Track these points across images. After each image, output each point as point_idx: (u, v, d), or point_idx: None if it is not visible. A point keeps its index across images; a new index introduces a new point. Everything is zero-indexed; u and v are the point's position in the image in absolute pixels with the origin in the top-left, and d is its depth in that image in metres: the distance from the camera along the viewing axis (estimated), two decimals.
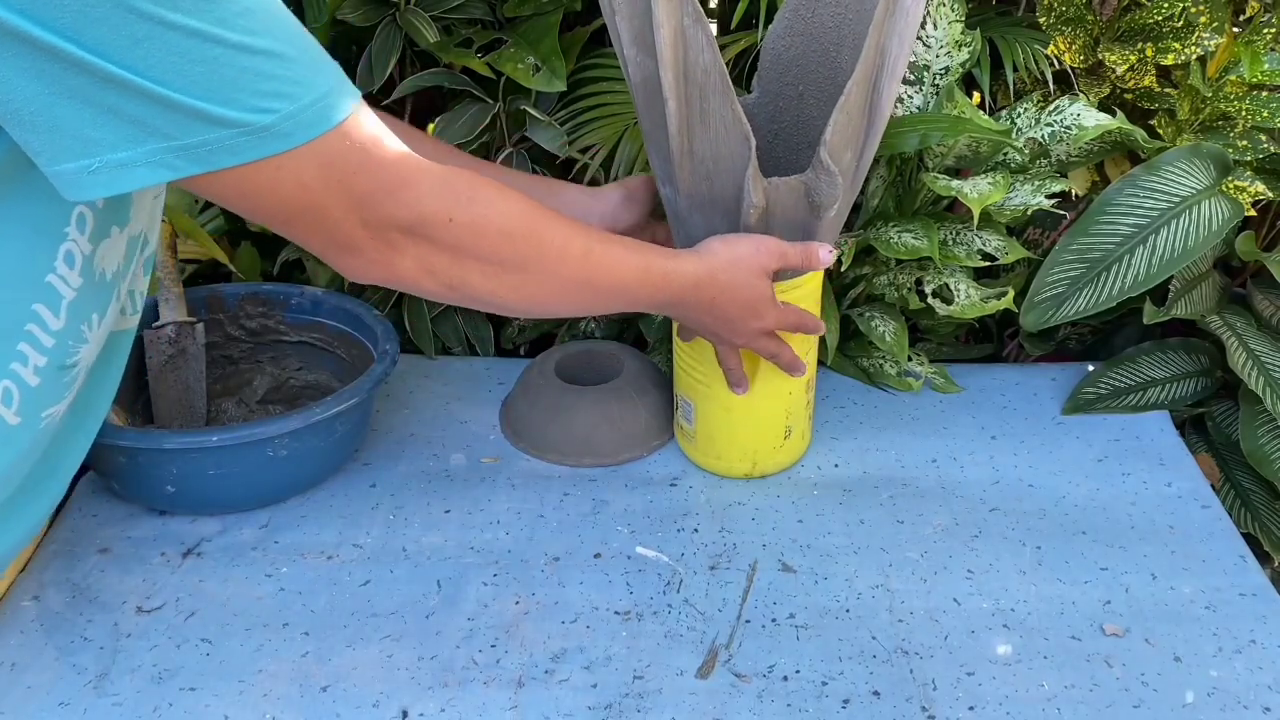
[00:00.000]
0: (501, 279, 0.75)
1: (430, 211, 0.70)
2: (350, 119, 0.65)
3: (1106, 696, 0.81)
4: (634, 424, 1.06)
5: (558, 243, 0.77)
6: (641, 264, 0.82)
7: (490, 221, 0.73)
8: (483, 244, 0.73)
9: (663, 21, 0.78)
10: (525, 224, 0.75)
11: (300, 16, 1.32)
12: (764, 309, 0.89)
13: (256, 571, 0.92)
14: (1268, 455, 1.07)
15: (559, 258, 0.77)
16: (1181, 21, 1.07)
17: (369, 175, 0.67)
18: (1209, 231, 1.02)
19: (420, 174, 0.69)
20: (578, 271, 0.78)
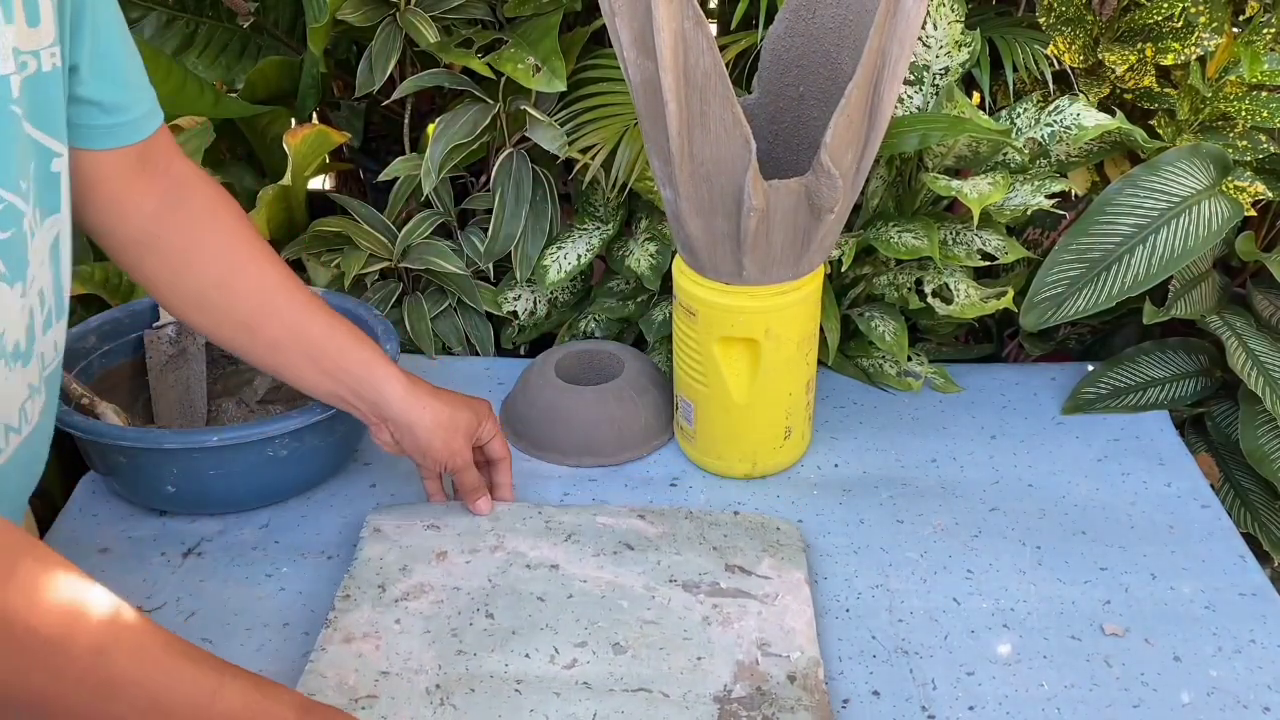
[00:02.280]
0: (13, 680, 0.56)
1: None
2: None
3: (1106, 696, 0.81)
4: (634, 424, 1.06)
5: (89, 654, 0.59)
6: (211, 686, 0.61)
7: (37, 626, 0.57)
8: (22, 641, 0.56)
9: (663, 24, 0.78)
10: (56, 624, 0.58)
11: (300, 16, 1.33)
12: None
13: (256, 571, 0.92)
14: (1267, 455, 1.07)
15: (85, 671, 0.58)
16: (1181, 21, 1.07)
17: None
18: (1209, 231, 1.02)
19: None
20: (93, 688, 0.59)
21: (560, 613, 0.86)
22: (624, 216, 1.20)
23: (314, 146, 1.18)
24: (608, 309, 1.22)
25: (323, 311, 0.88)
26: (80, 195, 0.79)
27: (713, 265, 0.93)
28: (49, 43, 0.68)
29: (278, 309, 0.86)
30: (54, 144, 0.71)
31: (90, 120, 0.76)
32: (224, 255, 0.86)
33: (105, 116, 0.77)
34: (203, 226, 0.85)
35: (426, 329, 1.20)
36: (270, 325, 0.86)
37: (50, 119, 0.70)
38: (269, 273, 0.87)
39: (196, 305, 0.86)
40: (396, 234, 1.21)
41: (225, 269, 0.85)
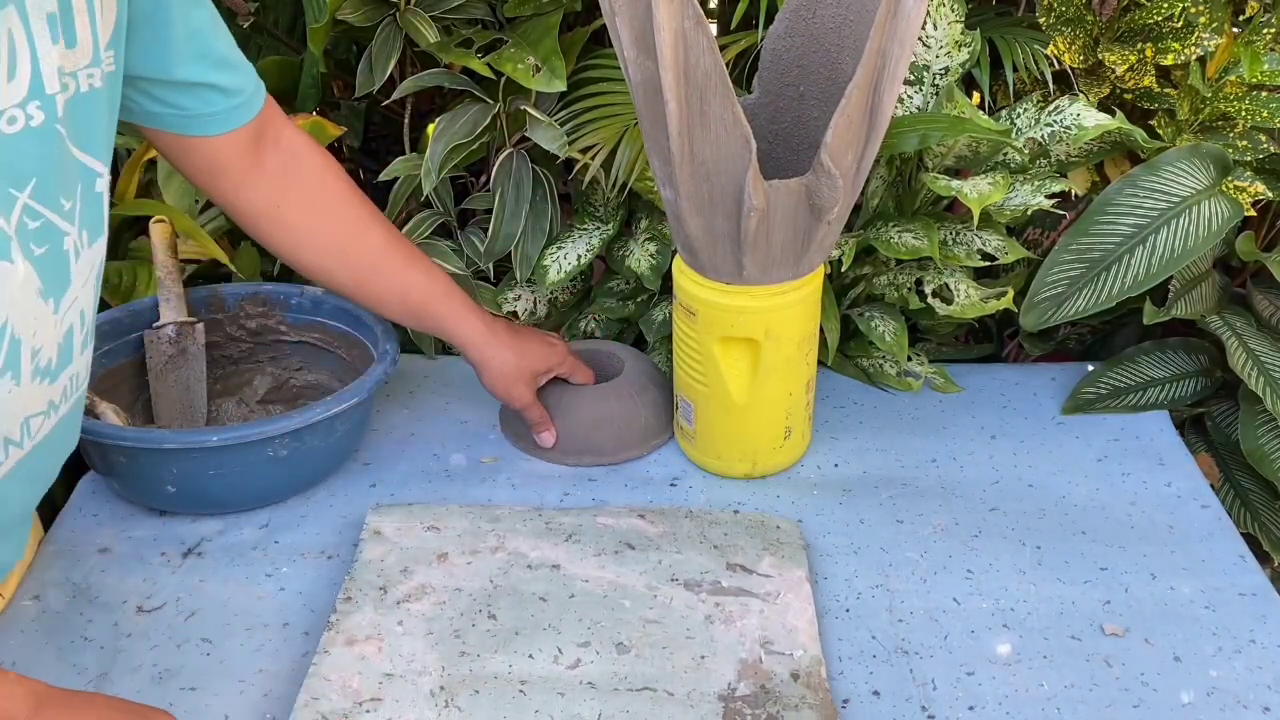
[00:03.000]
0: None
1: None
2: None
3: (1106, 696, 0.81)
4: (634, 423, 1.06)
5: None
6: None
7: None
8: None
9: (663, 24, 0.78)
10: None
11: (300, 16, 1.33)
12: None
13: (256, 571, 0.92)
14: (1267, 455, 1.07)
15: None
16: (1181, 21, 1.07)
17: None
18: (1209, 231, 1.02)
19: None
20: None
21: (563, 613, 0.86)
22: (624, 216, 1.20)
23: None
24: (608, 309, 1.22)
25: (420, 268, 1.00)
26: (207, 179, 0.89)
27: (713, 265, 0.93)
28: (86, 63, 0.69)
29: (382, 271, 0.98)
30: (96, 165, 0.72)
31: (211, 107, 0.84)
32: (337, 225, 0.96)
33: (225, 99, 0.84)
34: (316, 199, 0.95)
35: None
36: (376, 283, 0.99)
37: (92, 140, 0.72)
38: (375, 237, 0.98)
39: (317, 270, 0.98)
40: None
41: (339, 238, 0.97)
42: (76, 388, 0.77)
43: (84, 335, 0.75)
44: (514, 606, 0.86)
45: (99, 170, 0.73)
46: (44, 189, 0.67)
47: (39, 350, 0.69)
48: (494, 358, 1.01)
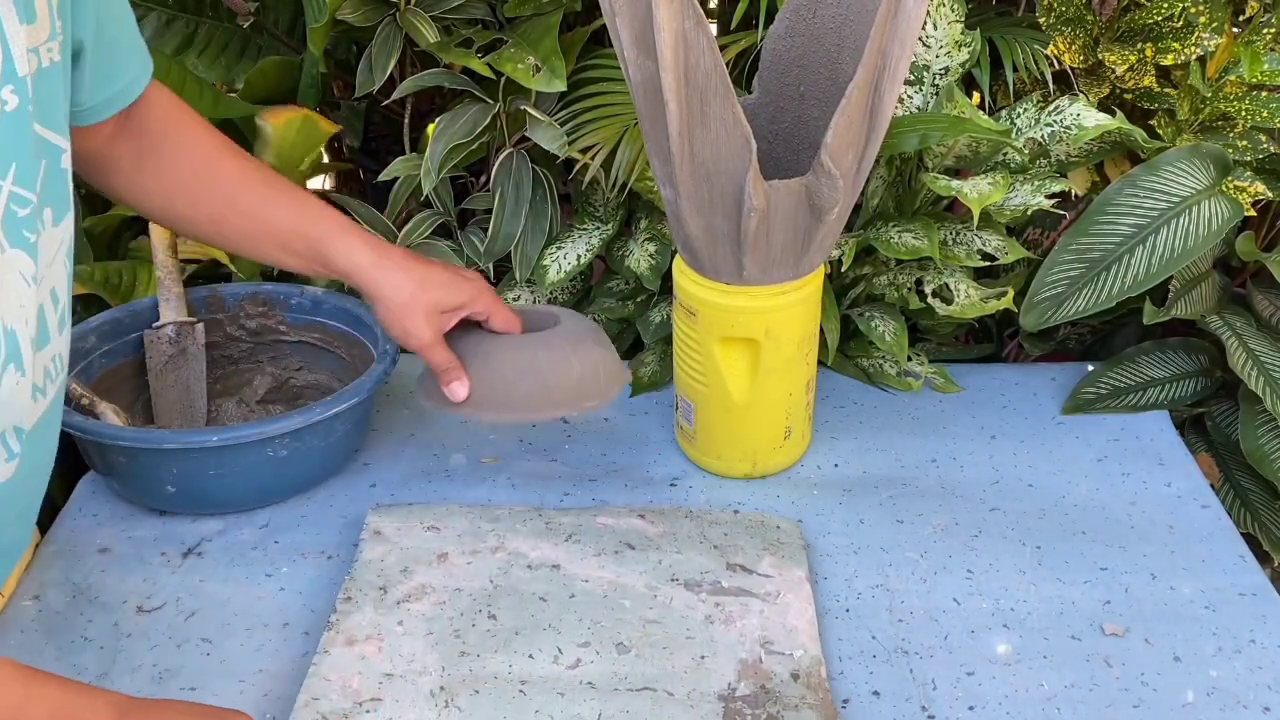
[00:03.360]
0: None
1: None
2: None
3: (1106, 696, 0.81)
4: (563, 377, 0.93)
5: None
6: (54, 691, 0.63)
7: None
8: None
9: (664, 24, 0.78)
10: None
11: (300, 16, 1.33)
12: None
13: (256, 571, 0.92)
14: (1267, 455, 1.08)
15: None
16: (1181, 21, 1.07)
17: None
18: (1209, 231, 1.02)
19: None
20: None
21: (563, 613, 0.86)
22: (624, 216, 1.20)
23: (301, 133, 1.17)
24: (607, 309, 1.22)
25: (285, 196, 0.88)
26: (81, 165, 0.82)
27: (713, 265, 0.93)
28: (45, 38, 0.67)
29: (240, 203, 0.88)
30: (59, 140, 0.71)
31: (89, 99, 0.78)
32: (181, 159, 0.87)
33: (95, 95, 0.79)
34: (158, 138, 0.86)
35: None
36: (236, 220, 0.88)
37: (53, 116, 0.70)
38: (227, 169, 0.88)
39: (169, 215, 0.90)
40: (396, 234, 1.21)
41: (185, 171, 0.87)
42: (59, 370, 0.75)
43: (59, 315, 0.73)
44: (514, 606, 0.86)
45: (62, 146, 0.71)
46: (22, 173, 0.65)
47: (35, 337, 0.68)
48: (385, 282, 0.87)
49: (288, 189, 0.89)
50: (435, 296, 0.88)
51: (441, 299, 0.89)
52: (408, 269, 0.88)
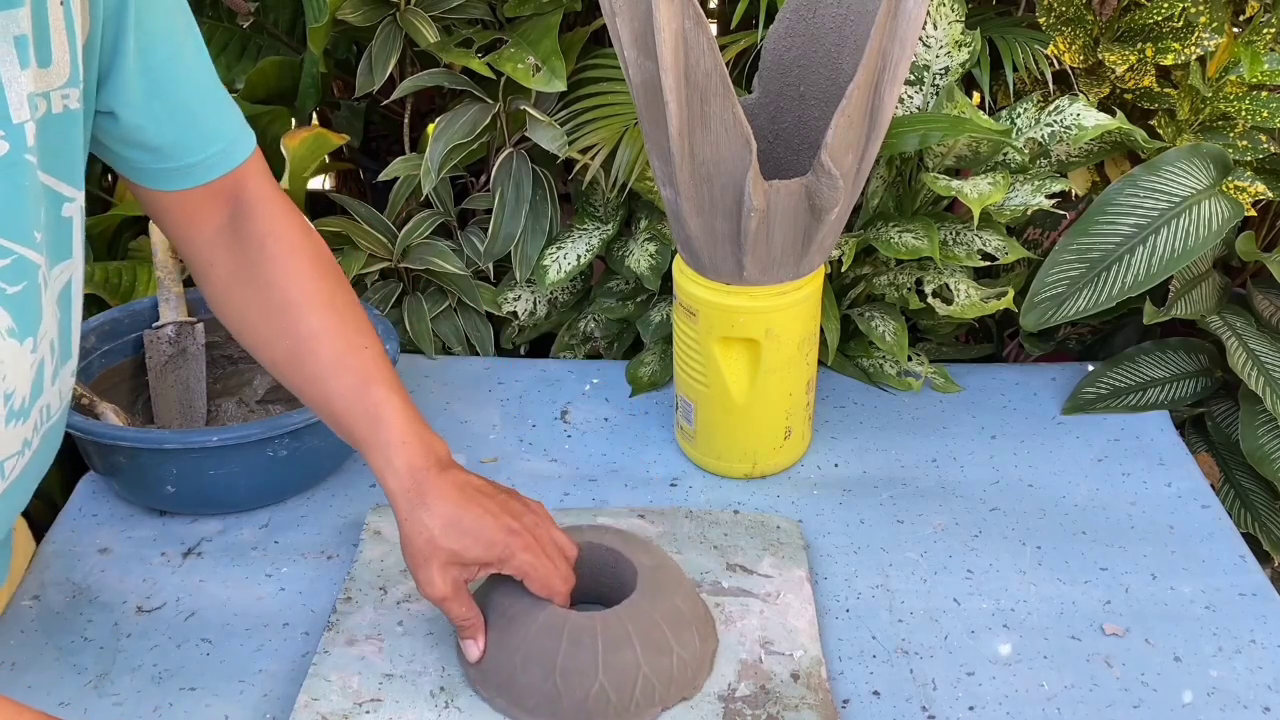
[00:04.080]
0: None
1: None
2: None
3: (1106, 696, 0.81)
4: (657, 670, 0.76)
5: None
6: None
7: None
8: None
9: (664, 24, 0.78)
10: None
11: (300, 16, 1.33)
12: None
13: (256, 571, 0.92)
14: (1268, 455, 1.07)
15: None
16: (1181, 21, 1.07)
17: None
18: (1209, 231, 1.02)
19: None
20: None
21: None
22: (624, 216, 1.20)
23: (312, 149, 1.18)
24: (607, 309, 1.22)
25: (351, 375, 0.77)
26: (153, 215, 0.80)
27: (713, 265, 0.93)
28: (61, 84, 0.64)
29: (305, 369, 0.79)
30: (66, 189, 0.68)
31: (147, 164, 0.74)
32: (263, 293, 0.79)
33: (159, 160, 0.74)
34: (249, 258, 0.79)
35: (426, 329, 1.20)
36: (298, 380, 0.80)
37: (63, 163, 0.67)
38: (305, 321, 0.78)
39: (239, 336, 0.82)
40: (396, 234, 1.21)
41: (261, 309, 0.80)
42: (49, 416, 0.72)
43: (55, 364, 0.70)
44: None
45: (69, 195, 0.68)
46: (13, 224, 0.62)
47: (12, 393, 0.65)
48: (408, 517, 0.74)
49: (360, 364, 0.77)
50: (457, 547, 0.74)
51: (464, 551, 0.74)
52: (437, 508, 0.74)
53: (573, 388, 1.17)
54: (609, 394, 1.16)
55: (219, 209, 0.79)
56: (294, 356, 0.79)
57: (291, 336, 0.78)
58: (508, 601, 0.77)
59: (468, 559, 0.74)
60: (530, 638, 0.75)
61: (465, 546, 0.74)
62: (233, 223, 0.80)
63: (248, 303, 0.80)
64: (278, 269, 0.79)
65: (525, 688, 0.75)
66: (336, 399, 0.77)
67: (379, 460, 0.76)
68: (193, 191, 0.77)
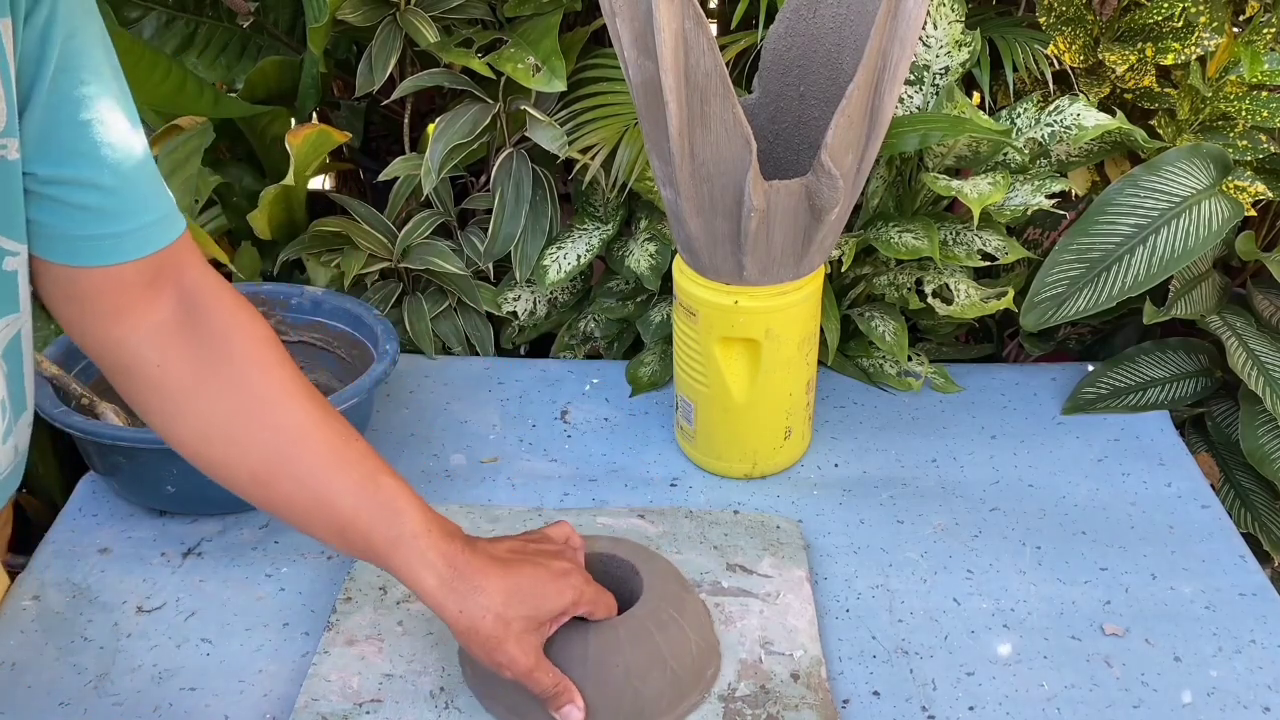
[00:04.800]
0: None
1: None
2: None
3: (1106, 696, 0.81)
4: (683, 658, 0.77)
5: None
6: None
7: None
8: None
9: (664, 25, 0.78)
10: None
11: (300, 16, 1.33)
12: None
13: (256, 571, 0.92)
14: (1268, 455, 1.07)
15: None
16: (1181, 21, 1.07)
17: None
18: (1209, 231, 1.02)
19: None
20: None
21: None
22: (624, 216, 1.20)
23: (315, 146, 1.18)
24: (607, 309, 1.22)
25: (354, 466, 0.70)
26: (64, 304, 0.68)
27: (713, 265, 0.93)
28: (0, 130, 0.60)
29: (296, 467, 0.70)
30: (8, 243, 0.63)
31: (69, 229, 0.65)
32: (235, 392, 0.70)
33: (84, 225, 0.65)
34: (214, 354, 0.70)
35: (426, 329, 1.20)
36: (288, 484, 0.70)
37: (3, 216, 0.62)
38: (295, 416, 0.70)
39: (199, 450, 0.71)
40: (396, 234, 1.21)
41: (233, 408, 0.70)
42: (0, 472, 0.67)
43: (7, 421, 0.65)
44: None
45: (11, 249, 0.63)
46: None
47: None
48: (462, 609, 0.69)
49: (359, 456, 0.71)
50: (528, 612, 0.70)
51: (536, 612, 0.71)
52: (490, 586, 0.69)
53: (573, 388, 1.17)
54: (609, 394, 1.16)
55: (158, 300, 0.70)
56: (280, 458, 0.70)
57: (275, 436, 0.70)
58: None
59: (542, 619, 0.71)
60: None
61: (535, 609, 0.70)
62: (187, 317, 0.70)
63: (213, 407, 0.70)
64: (249, 364, 0.71)
65: (525, 699, 0.74)
66: (344, 496, 0.69)
67: (409, 558, 0.69)
68: (125, 272, 0.67)
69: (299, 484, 0.69)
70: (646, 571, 0.80)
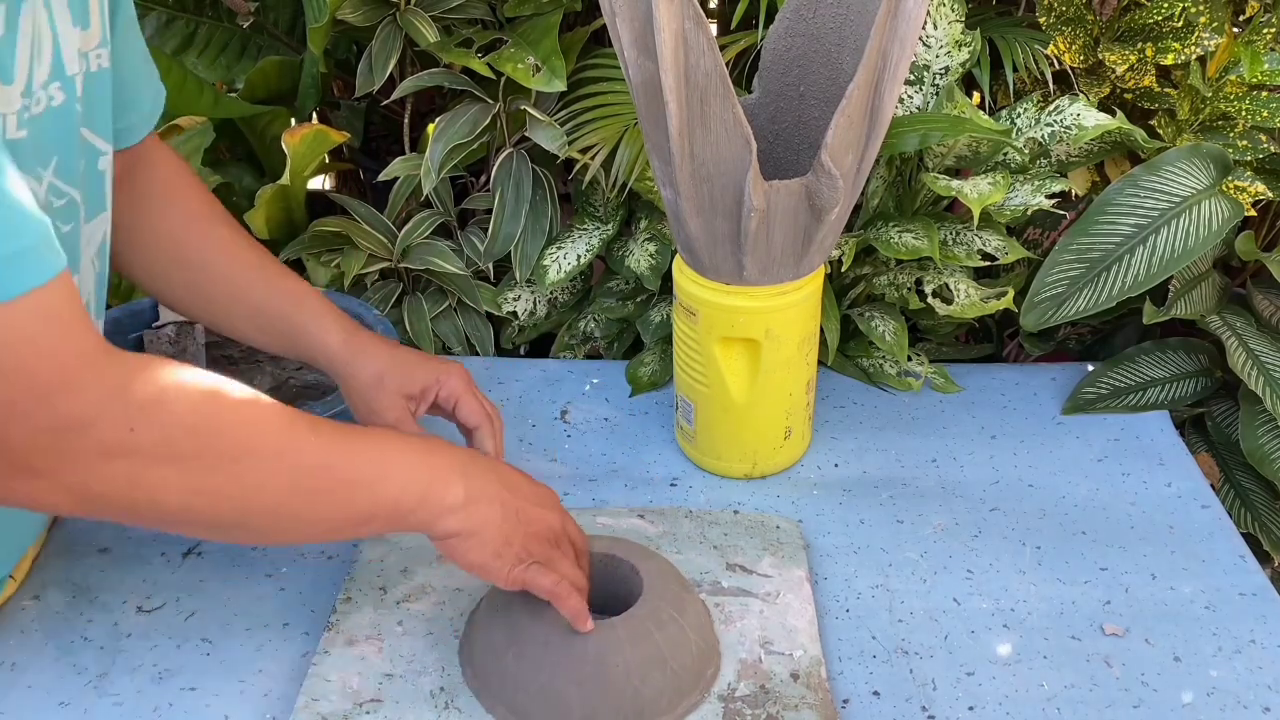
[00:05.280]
0: (205, 484, 0.62)
1: (102, 420, 0.58)
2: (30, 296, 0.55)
3: (1106, 696, 0.81)
4: (683, 658, 0.77)
5: (273, 430, 0.64)
6: (397, 435, 0.72)
7: (182, 422, 0.60)
8: (177, 447, 0.60)
9: (664, 24, 0.78)
10: (233, 415, 0.63)
11: (300, 16, 1.33)
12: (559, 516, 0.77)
13: (256, 571, 0.92)
14: (1268, 455, 1.07)
15: (281, 444, 0.64)
16: (1181, 21, 1.07)
17: (28, 374, 0.55)
18: (1209, 231, 1.02)
19: (89, 372, 0.58)
20: (312, 456, 0.65)
21: None
22: (624, 216, 1.20)
23: (313, 146, 1.18)
24: (607, 309, 1.22)
25: (267, 272, 0.87)
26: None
27: (713, 265, 0.93)
28: (96, 44, 0.71)
29: (216, 271, 0.86)
30: (100, 143, 0.74)
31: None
32: (175, 221, 0.86)
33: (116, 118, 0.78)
34: (150, 195, 0.86)
35: (426, 329, 1.20)
36: (211, 286, 0.87)
37: (99, 118, 0.73)
38: (216, 236, 0.87)
39: (145, 273, 0.87)
40: (396, 234, 1.21)
41: (176, 235, 0.86)
42: None
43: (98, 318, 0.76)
44: None
45: (102, 149, 0.74)
46: (63, 167, 0.68)
47: None
48: (351, 361, 0.87)
49: (273, 267, 0.88)
50: (401, 379, 0.87)
51: (407, 382, 0.87)
52: (374, 351, 0.87)
53: (573, 388, 1.17)
54: (609, 394, 1.16)
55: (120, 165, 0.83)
56: (208, 266, 0.86)
57: (201, 248, 0.86)
58: (505, 611, 0.78)
59: (412, 387, 0.86)
60: (530, 648, 0.76)
61: (407, 376, 0.86)
62: (126, 174, 0.84)
63: (153, 232, 0.85)
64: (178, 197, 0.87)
65: (525, 699, 0.75)
66: (257, 287, 0.86)
67: (310, 327, 0.85)
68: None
69: (221, 283, 0.86)
70: (646, 571, 0.81)
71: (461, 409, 0.89)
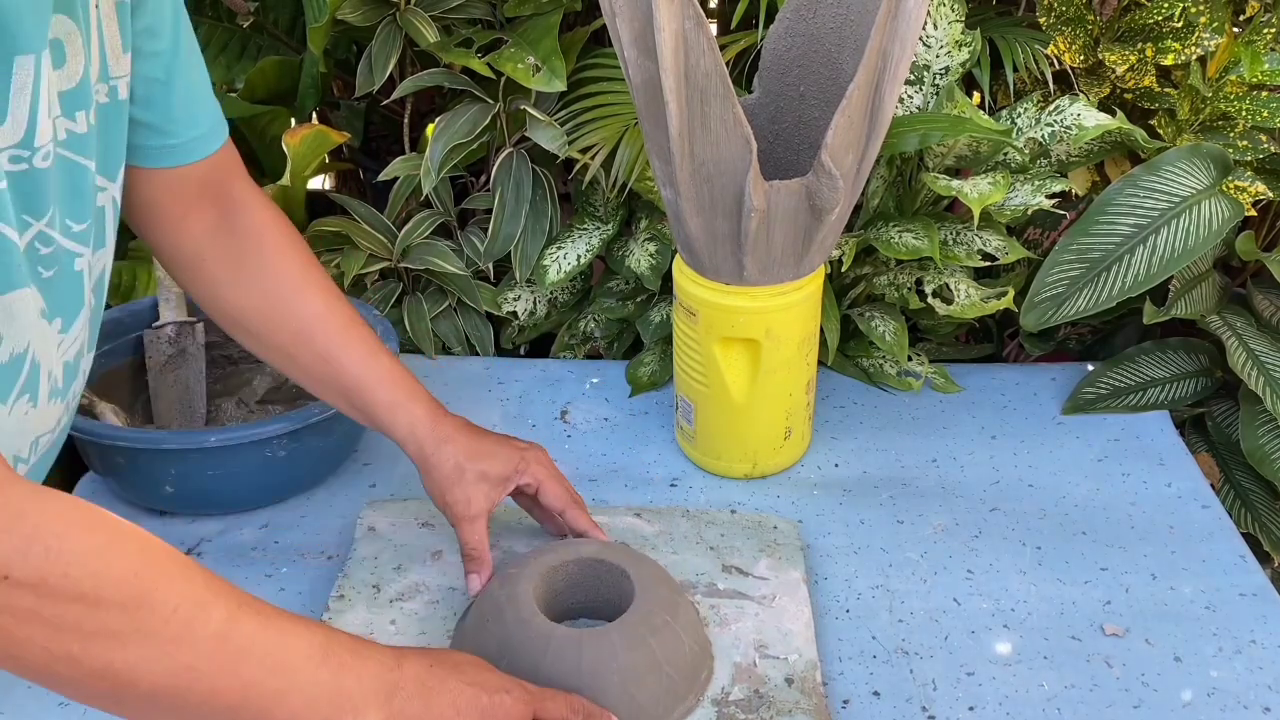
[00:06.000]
0: (78, 653, 0.52)
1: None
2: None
3: (1106, 696, 0.81)
4: (678, 662, 0.76)
5: (182, 609, 0.57)
6: (321, 637, 0.62)
7: (69, 579, 0.52)
8: (54, 608, 0.51)
9: (664, 25, 0.78)
10: (131, 584, 0.55)
11: (300, 16, 1.33)
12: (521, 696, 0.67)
13: (256, 571, 0.92)
14: (1268, 455, 1.07)
15: (181, 628, 0.56)
16: (1181, 21, 1.07)
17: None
18: (1209, 231, 1.02)
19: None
20: (213, 648, 0.57)
21: None
22: (624, 216, 1.20)
23: (313, 146, 1.18)
24: (607, 309, 1.22)
25: (359, 346, 0.85)
26: (138, 211, 0.81)
27: (713, 265, 0.93)
28: (123, 73, 0.70)
29: (315, 346, 0.85)
30: (105, 182, 0.71)
31: (144, 141, 0.77)
32: (264, 281, 0.85)
33: (158, 138, 0.77)
34: (247, 250, 0.84)
35: (426, 329, 1.20)
36: (308, 360, 0.85)
37: (111, 154, 0.71)
38: (310, 303, 0.85)
39: (238, 327, 0.86)
40: (396, 234, 1.21)
41: (263, 295, 0.85)
42: (75, 398, 0.76)
43: (86, 353, 0.74)
44: None
45: (102, 185, 0.71)
46: (65, 213, 0.66)
47: (52, 372, 0.68)
48: (434, 451, 0.84)
49: (363, 339, 0.86)
50: (483, 467, 0.85)
51: (489, 469, 0.85)
52: (457, 440, 0.85)
53: (573, 388, 1.17)
54: (609, 394, 1.16)
55: (209, 207, 0.83)
56: (302, 337, 0.85)
57: (298, 318, 0.85)
58: (496, 618, 0.77)
59: (494, 475, 0.85)
60: (523, 656, 0.74)
61: (489, 466, 0.85)
62: (225, 219, 0.84)
63: (248, 291, 0.85)
64: (278, 258, 0.85)
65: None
66: (351, 367, 0.85)
67: (399, 412, 0.85)
68: (186, 177, 0.80)
69: (317, 359, 0.85)
70: (637, 575, 0.80)
71: (545, 494, 0.88)
